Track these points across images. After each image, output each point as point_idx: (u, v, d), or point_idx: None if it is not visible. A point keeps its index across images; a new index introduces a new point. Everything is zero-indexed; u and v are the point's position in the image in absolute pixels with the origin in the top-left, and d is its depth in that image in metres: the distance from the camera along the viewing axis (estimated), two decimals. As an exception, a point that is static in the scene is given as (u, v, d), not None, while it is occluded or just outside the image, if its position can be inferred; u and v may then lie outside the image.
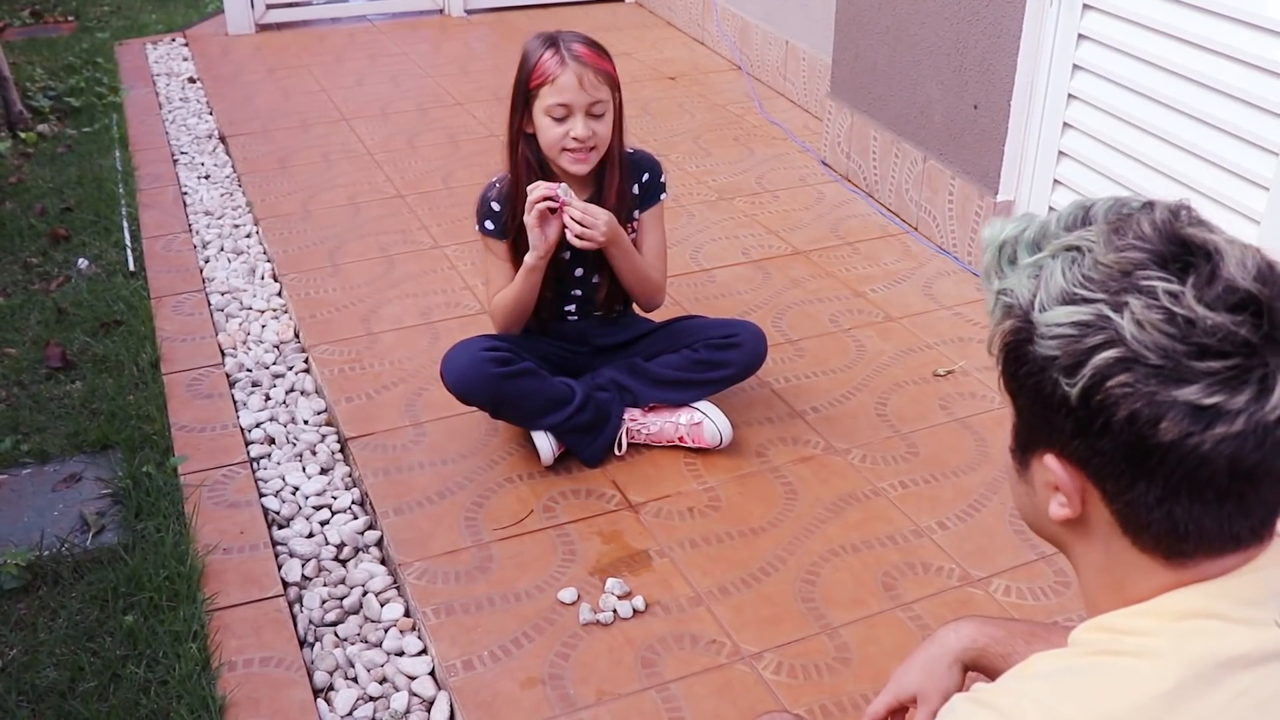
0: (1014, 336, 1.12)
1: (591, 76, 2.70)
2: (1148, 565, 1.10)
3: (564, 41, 2.73)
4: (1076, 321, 1.05)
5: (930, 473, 2.94)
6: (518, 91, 2.77)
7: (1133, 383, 1.02)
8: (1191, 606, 1.07)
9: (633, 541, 2.71)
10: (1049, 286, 1.08)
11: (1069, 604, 2.52)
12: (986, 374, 3.33)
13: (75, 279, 3.89)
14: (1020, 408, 1.15)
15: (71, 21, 7.02)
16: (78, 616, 2.50)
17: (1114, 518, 1.10)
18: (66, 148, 4.99)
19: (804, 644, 2.42)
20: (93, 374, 3.35)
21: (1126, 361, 1.02)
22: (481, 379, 2.79)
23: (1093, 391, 1.04)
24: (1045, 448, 1.12)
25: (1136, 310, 1.02)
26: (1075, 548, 1.17)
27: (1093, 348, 1.04)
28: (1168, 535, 1.07)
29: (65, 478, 2.95)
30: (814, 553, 2.67)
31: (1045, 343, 1.08)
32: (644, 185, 2.94)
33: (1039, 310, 1.09)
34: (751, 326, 2.99)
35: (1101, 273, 1.06)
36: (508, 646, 2.41)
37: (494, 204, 2.88)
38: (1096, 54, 3.42)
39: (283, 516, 2.85)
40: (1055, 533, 1.19)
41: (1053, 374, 1.07)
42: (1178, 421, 1.01)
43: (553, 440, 2.89)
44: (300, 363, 3.46)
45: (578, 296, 2.99)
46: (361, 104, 5.45)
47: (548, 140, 2.75)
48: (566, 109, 2.70)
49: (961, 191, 3.94)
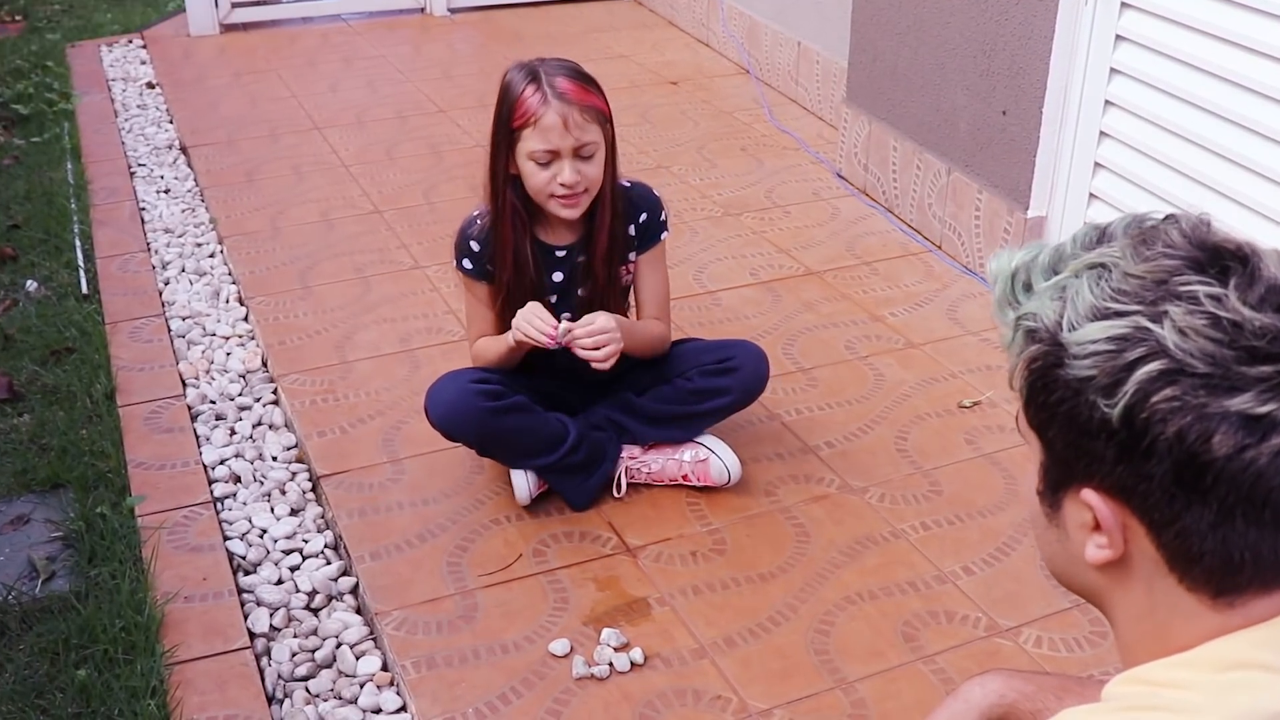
0: (1041, 361, 1.12)
1: (577, 115, 2.66)
2: (1193, 607, 1.10)
3: (546, 75, 2.68)
4: (1112, 336, 1.05)
5: (955, 513, 2.97)
6: (499, 130, 2.74)
7: (1180, 395, 1.02)
8: (1235, 657, 1.07)
9: (630, 588, 2.73)
10: (1077, 304, 1.09)
11: (1105, 656, 2.54)
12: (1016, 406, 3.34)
13: (23, 302, 3.92)
14: (1051, 441, 1.15)
15: (19, 21, 7.06)
16: (25, 671, 2.52)
17: (1160, 553, 1.09)
18: (13, 159, 5.03)
19: (817, 700, 2.44)
20: (42, 406, 3.38)
21: (1171, 374, 1.02)
22: (470, 414, 2.80)
23: (1136, 410, 1.04)
24: (1082, 482, 1.12)
25: (1178, 318, 1.03)
26: (1113, 595, 1.17)
27: (1133, 362, 1.04)
28: (1220, 567, 1.07)
29: (12, 519, 2.98)
30: (828, 600, 2.69)
31: (1078, 363, 1.08)
32: (641, 226, 2.93)
33: (1068, 330, 1.09)
34: (749, 346, 3.00)
35: (1134, 284, 1.06)
36: (494, 703, 2.43)
37: (473, 243, 2.87)
38: (1136, 56, 3.46)
39: (249, 562, 2.87)
40: (1090, 581, 1.18)
41: (1089, 396, 1.07)
42: (1231, 434, 1.01)
43: (532, 479, 2.92)
44: (268, 394, 3.49)
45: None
46: (335, 111, 5.50)
47: (534, 186, 2.73)
48: (552, 154, 2.68)
49: (989, 206, 3.97)
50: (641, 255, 2.95)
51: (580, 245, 2.88)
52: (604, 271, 2.88)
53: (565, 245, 2.89)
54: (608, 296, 2.93)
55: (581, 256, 2.89)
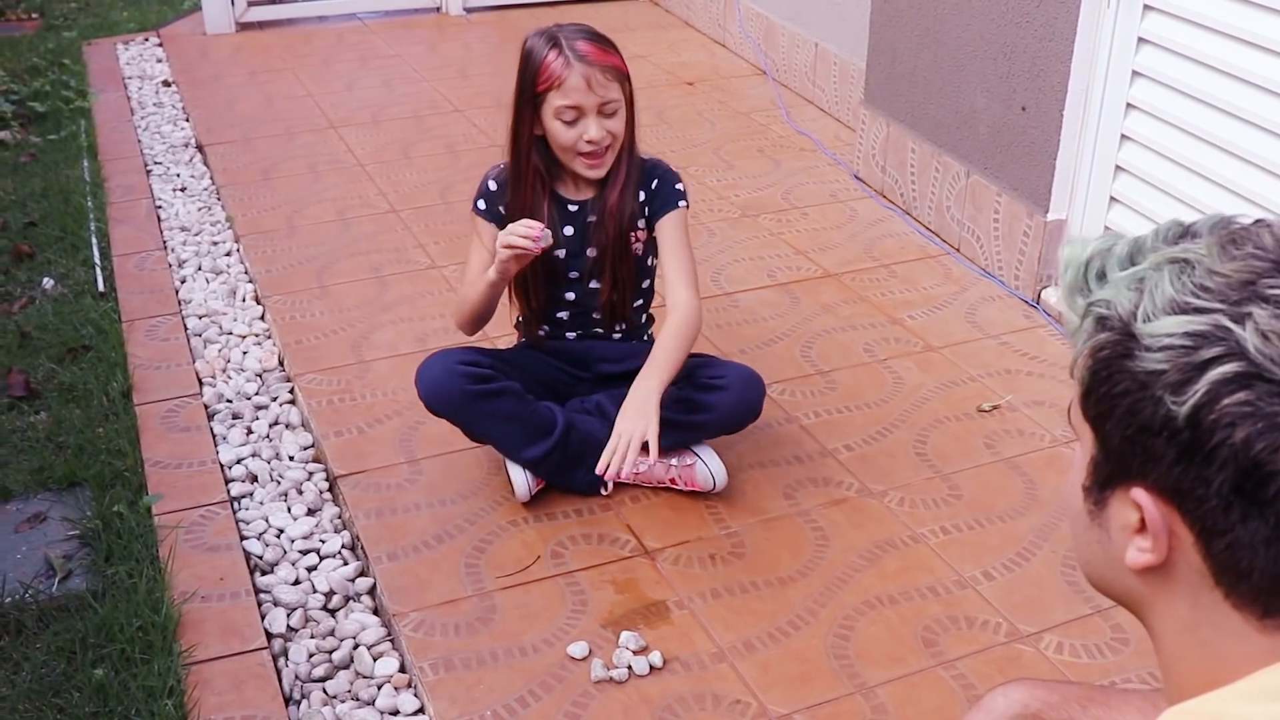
0: (1109, 350, 1.08)
1: (599, 75, 2.76)
2: (1239, 626, 1.07)
3: (567, 39, 2.78)
4: (1190, 332, 1.02)
5: (975, 517, 2.95)
6: (523, 95, 2.82)
7: (1253, 401, 0.99)
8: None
9: (649, 591, 2.72)
10: (1155, 296, 1.05)
11: (1127, 662, 2.52)
12: (1035, 410, 3.34)
13: (40, 300, 3.92)
14: (1107, 434, 1.10)
15: (36, 19, 7.07)
16: (43, 670, 2.52)
17: (1207, 564, 1.06)
18: (30, 157, 5.03)
19: (836, 705, 2.43)
20: (59, 404, 3.37)
21: (1247, 377, 0.99)
22: (452, 393, 2.84)
23: (1204, 411, 1.01)
24: (1134, 480, 1.08)
25: (1261, 320, 0.99)
26: (1154, 604, 1.13)
27: (1208, 361, 1.00)
28: (1270, 586, 1.04)
29: (29, 518, 2.97)
30: (847, 605, 2.68)
31: (1149, 356, 1.04)
32: (653, 191, 2.94)
33: (1143, 321, 1.05)
34: (744, 371, 2.96)
35: (1218, 282, 1.03)
36: (512, 706, 2.42)
37: (491, 183, 2.96)
38: (1158, 59, 3.44)
39: (266, 561, 2.86)
40: (1129, 587, 1.15)
41: (1156, 391, 1.04)
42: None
43: (530, 476, 2.93)
44: (285, 393, 3.49)
45: (571, 302, 3.01)
46: (351, 110, 5.50)
47: (561, 144, 2.81)
48: (578, 111, 2.76)
49: (1009, 209, 3.96)
50: (659, 222, 2.92)
51: (593, 203, 2.92)
52: (613, 227, 2.90)
53: (580, 200, 2.94)
54: (617, 262, 2.94)
55: (593, 216, 2.92)
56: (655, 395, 2.71)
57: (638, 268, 3.00)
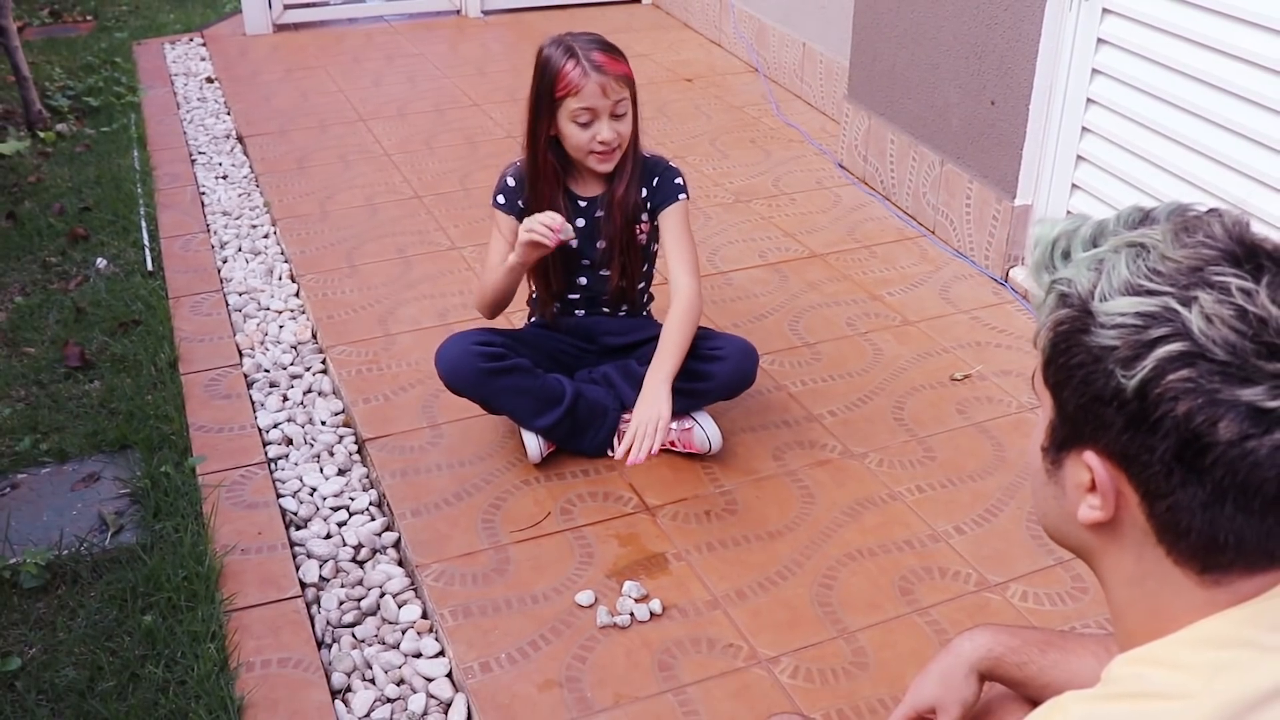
0: (1068, 325, 1.09)
1: (613, 83, 2.76)
2: (1180, 580, 1.07)
3: (582, 50, 2.77)
4: (1140, 312, 1.02)
5: (947, 477, 2.94)
6: (540, 99, 2.81)
7: (1195, 378, 0.99)
8: (1223, 635, 1.04)
9: (650, 544, 2.71)
10: (1112, 277, 1.05)
11: (1086, 609, 2.51)
12: (1003, 379, 3.32)
13: (94, 278, 3.91)
14: (1064, 400, 1.11)
15: (90, 21, 7.04)
16: (96, 616, 2.51)
17: (1150, 523, 1.07)
18: (85, 147, 5.01)
19: (821, 648, 2.42)
20: (111, 373, 3.36)
21: (1190, 356, 0.99)
22: (470, 372, 2.84)
23: (1151, 385, 1.01)
24: (1086, 444, 1.09)
25: (1206, 305, 1.00)
26: (1104, 557, 1.14)
27: (1155, 340, 1.01)
28: (1206, 545, 1.04)
29: (84, 477, 2.97)
30: (831, 557, 2.68)
31: (1104, 332, 1.05)
32: (655, 188, 2.93)
33: (1099, 300, 1.05)
34: (740, 343, 2.96)
35: (1169, 267, 1.03)
36: (525, 649, 2.42)
37: (509, 179, 2.94)
38: (1116, 58, 3.42)
39: (300, 517, 2.86)
40: (1082, 540, 1.15)
41: (1108, 365, 1.04)
42: (1237, 422, 0.98)
43: (541, 440, 2.93)
44: (318, 363, 3.47)
45: (583, 286, 3.00)
46: (379, 104, 5.47)
47: (575, 144, 2.81)
48: (592, 114, 2.76)
49: (979, 195, 3.94)
50: (662, 214, 2.92)
51: (602, 199, 2.92)
52: (620, 218, 2.89)
53: (590, 197, 2.93)
54: (626, 252, 2.94)
55: (601, 211, 2.92)
56: (666, 385, 2.71)
57: (643, 257, 3.00)
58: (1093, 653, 1.60)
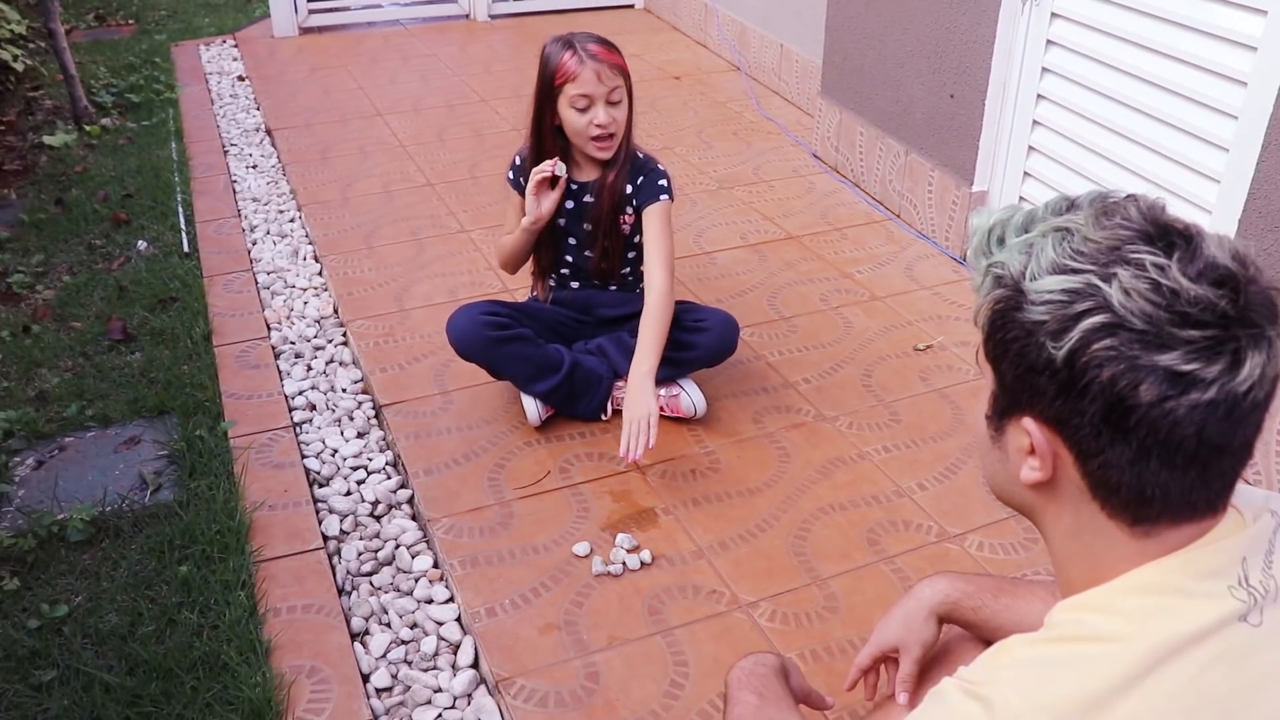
0: (1003, 304, 1.09)
1: (607, 70, 2.75)
2: (1114, 532, 1.07)
3: (579, 43, 2.77)
4: (1066, 289, 1.02)
5: (911, 439, 2.92)
6: (543, 89, 2.79)
7: (1117, 346, 0.99)
8: (1153, 582, 1.05)
9: (641, 500, 2.69)
10: (1040, 259, 1.06)
11: (1036, 559, 2.50)
12: (963, 349, 3.30)
13: (135, 259, 3.87)
14: (1002, 373, 1.11)
15: (132, 24, 6.97)
16: (137, 567, 2.49)
17: (1084, 480, 1.07)
18: (127, 140, 4.96)
19: (796, 594, 2.40)
20: (151, 346, 3.33)
21: (1112, 327, 1.00)
22: (477, 340, 2.82)
23: (1078, 354, 1.01)
24: (1024, 411, 1.09)
25: (1124, 280, 1.00)
26: (1045, 514, 1.14)
27: (1080, 313, 1.01)
28: (1135, 499, 1.05)
29: (126, 440, 2.94)
30: (805, 511, 2.65)
31: (1034, 309, 1.05)
32: (639, 186, 2.89)
33: (1029, 280, 1.06)
34: (723, 315, 2.93)
35: (1091, 247, 1.03)
36: (527, 595, 2.40)
37: (518, 158, 2.96)
38: (1064, 58, 3.38)
39: (323, 476, 2.83)
40: (1025, 498, 1.15)
41: (1039, 338, 1.04)
42: (1156, 385, 0.99)
43: (540, 405, 2.91)
44: (339, 336, 3.44)
45: (570, 263, 2.99)
46: (395, 100, 5.41)
47: (575, 128, 2.78)
48: (589, 99, 2.74)
49: (940, 182, 3.90)
50: (645, 209, 2.87)
51: (593, 185, 2.89)
52: (607, 202, 2.86)
53: (583, 181, 2.90)
54: (609, 236, 2.91)
55: (590, 196, 2.89)
56: (650, 379, 2.67)
57: (625, 245, 2.96)
58: (1040, 598, 1.61)
